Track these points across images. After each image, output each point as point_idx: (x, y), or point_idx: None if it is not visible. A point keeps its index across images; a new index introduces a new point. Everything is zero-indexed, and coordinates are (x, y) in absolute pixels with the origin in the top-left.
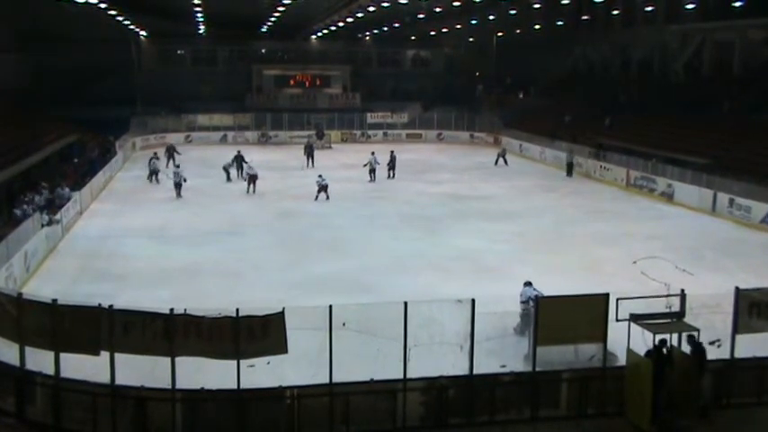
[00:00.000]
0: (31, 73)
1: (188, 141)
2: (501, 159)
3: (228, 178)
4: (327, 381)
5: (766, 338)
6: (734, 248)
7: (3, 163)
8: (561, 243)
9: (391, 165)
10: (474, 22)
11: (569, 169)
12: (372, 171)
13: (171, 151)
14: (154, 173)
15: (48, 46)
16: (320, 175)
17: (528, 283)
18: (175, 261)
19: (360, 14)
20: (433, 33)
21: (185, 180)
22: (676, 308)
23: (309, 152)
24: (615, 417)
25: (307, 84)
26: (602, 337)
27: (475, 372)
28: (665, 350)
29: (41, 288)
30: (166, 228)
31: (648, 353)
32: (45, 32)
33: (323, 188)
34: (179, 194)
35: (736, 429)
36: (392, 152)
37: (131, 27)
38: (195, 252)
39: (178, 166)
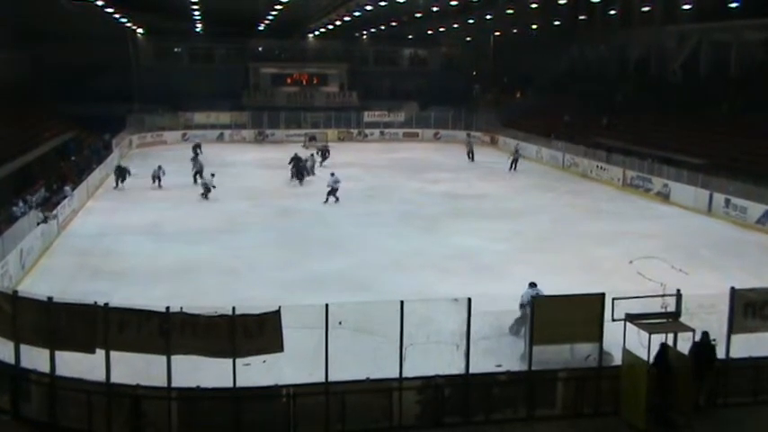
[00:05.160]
0: (27, 70)
1: (185, 139)
2: (469, 154)
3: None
4: (323, 379)
5: (761, 338)
6: (730, 248)
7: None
8: (558, 242)
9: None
10: (471, 21)
11: (513, 163)
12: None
13: (196, 149)
14: (199, 172)
15: (44, 43)
16: (332, 174)
17: (532, 284)
18: (171, 259)
19: (357, 13)
20: (430, 32)
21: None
22: (672, 308)
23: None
24: (610, 416)
25: (304, 82)
26: (598, 337)
27: (471, 371)
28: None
29: (37, 286)
30: (162, 225)
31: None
32: (42, 29)
33: (334, 191)
34: (159, 186)
35: (731, 429)
36: (295, 155)
37: (128, 24)
38: (191, 250)
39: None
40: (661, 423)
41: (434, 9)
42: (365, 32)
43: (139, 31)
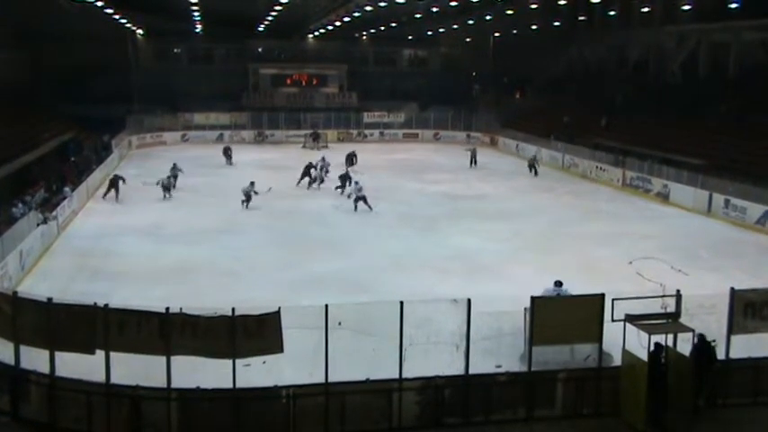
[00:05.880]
0: (27, 70)
1: (184, 140)
2: (473, 159)
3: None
4: (323, 380)
5: (761, 339)
6: (729, 249)
7: None
8: (557, 243)
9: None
10: (471, 21)
11: (533, 169)
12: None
13: (228, 152)
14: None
15: (44, 43)
16: (357, 182)
17: (558, 283)
18: (171, 260)
19: (357, 14)
20: (430, 33)
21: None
22: (672, 308)
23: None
24: (610, 417)
25: (303, 83)
26: (598, 338)
27: (471, 371)
28: (662, 358)
29: (36, 287)
30: (162, 226)
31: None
32: (41, 30)
33: (360, 199)
34: (170, 196)
35: (731, 430)
36: (310, 163)
37: (128, 25)
38: (191, 251)
39: (173, 172)
40: (656, 425)
41: (434, 10)
42: (365, 33)
43: (139, 31)
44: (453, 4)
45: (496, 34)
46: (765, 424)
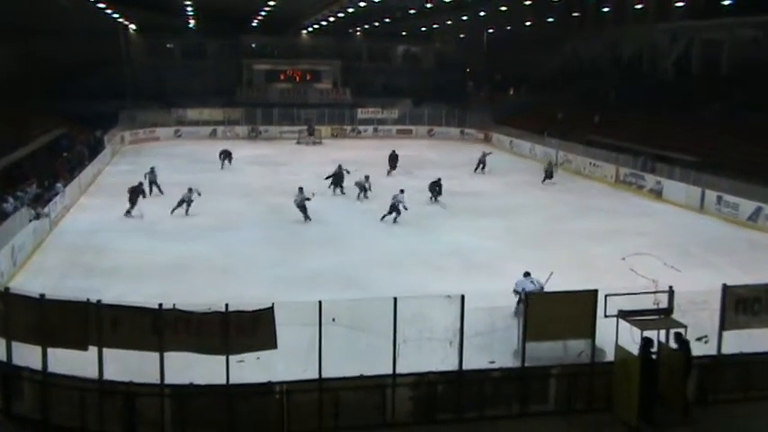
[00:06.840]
0: (17, 65)
1: (177, 136)
2: (481, 164)
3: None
4: (317, 376)
5: (752, 334)
6: (721, 245)
7: None
8: (551, 239)
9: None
10: (465, 18)
11: (549, 174)
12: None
13: (227, 155)
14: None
15: (35, 38)
16: (402, 191)
17: (527, 274)
18: (165, 256)
19: (350, 9)
20: (423, 29)
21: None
22: (664, 304)
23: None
24: (603, 412)
25: (297, 79)
26: (591, 333)
27: (464, 367)
28: (652, 351)
29: (29, 283)
30: (156, 223)
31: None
32: (32, 25)
33: (394, 208)
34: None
35: (721, 425)
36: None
37: (120, 20)
38: (185, 247)
39: (152, 177)
40: (648, 420)
41: (428, 6)
42: (358, 29)
43: (132, 26)
44: (447, 0)
45: (490, 30)
46: (756, 419)
